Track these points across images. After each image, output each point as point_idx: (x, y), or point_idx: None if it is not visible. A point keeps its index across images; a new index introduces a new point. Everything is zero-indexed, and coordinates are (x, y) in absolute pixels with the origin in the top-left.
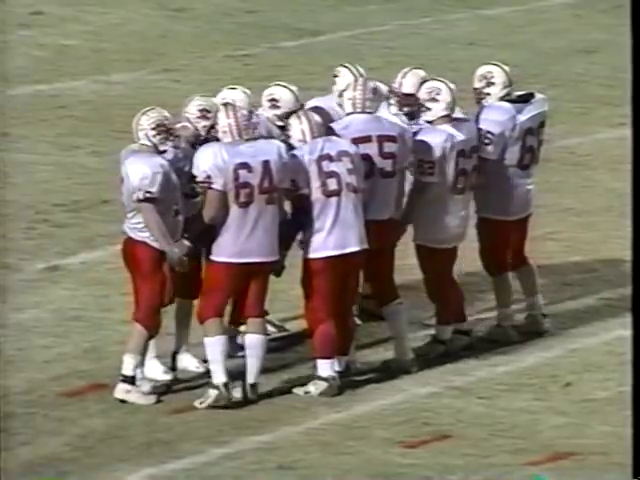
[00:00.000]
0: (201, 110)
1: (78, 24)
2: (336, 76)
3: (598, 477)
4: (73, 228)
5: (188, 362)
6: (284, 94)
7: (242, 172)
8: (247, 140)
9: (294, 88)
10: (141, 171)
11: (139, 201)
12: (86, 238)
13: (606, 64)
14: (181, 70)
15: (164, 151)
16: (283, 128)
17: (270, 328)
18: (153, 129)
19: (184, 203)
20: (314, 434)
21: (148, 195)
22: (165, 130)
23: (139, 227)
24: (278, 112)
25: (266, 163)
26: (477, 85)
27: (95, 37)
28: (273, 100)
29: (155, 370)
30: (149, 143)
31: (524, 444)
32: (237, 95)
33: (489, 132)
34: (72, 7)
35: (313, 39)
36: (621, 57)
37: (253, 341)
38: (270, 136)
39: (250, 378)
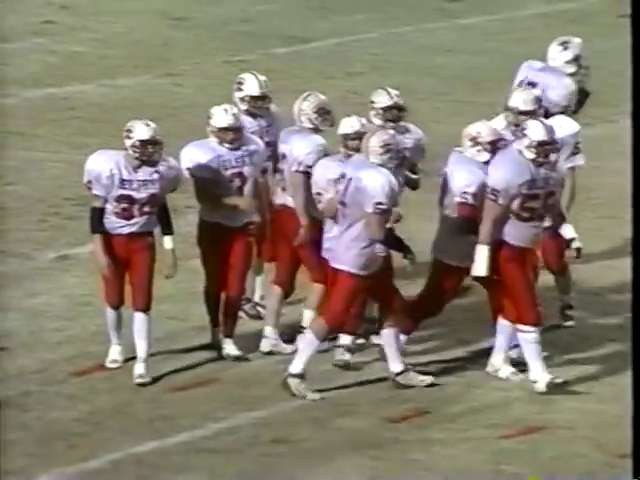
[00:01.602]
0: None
1: (87, 32)
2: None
3: (565, 448)
4: (82, 220)
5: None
6: (248, 79)
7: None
8: None
9: (262, 77)
10: (307, 147)
11: (296, 172)
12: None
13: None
14: (182, 75)
15: (322, 131)
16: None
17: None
18: (315, 112)
19: None
20: (305, 410)
21: (307, 169)
22: (325, 112)
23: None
24: (241, 94)
25: None
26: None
27: (102, 44)
28: (239, 83)
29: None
30: (311, 125)
31: (498, 419)
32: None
33: None
34: (81, 17)
35: (304, 46)
36: (591, 62)
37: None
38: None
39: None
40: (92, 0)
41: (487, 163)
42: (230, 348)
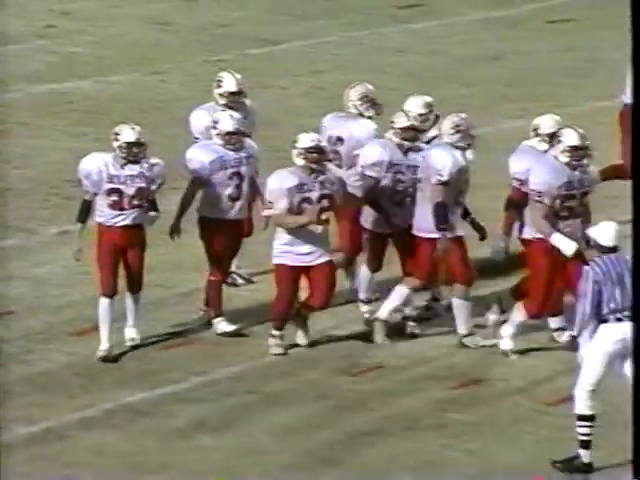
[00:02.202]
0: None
1: (84, 35)
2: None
3: (500, 398)
4: (80, 200)
5: None
6: (226, 77)
7: None
8: None
9: (238, 75)
10: (362, 131)
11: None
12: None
13: (509, 68)
14: (167, 72)
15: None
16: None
17: (239, 280)
18: (359, 100)
19: None
20: (276, 365)
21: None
22: (369, 100)
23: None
24: (220, 91)
25: None
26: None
27: (97, 46)
28: (219, 80)
29: None
30: (356, 111)
31: (444, 372)
32: None
33: None
34: (79, 21)
35: (274, 47)
36: (522, 62)
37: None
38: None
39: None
40: (88, 7)
41: (546, 152)
42: (223, 325)
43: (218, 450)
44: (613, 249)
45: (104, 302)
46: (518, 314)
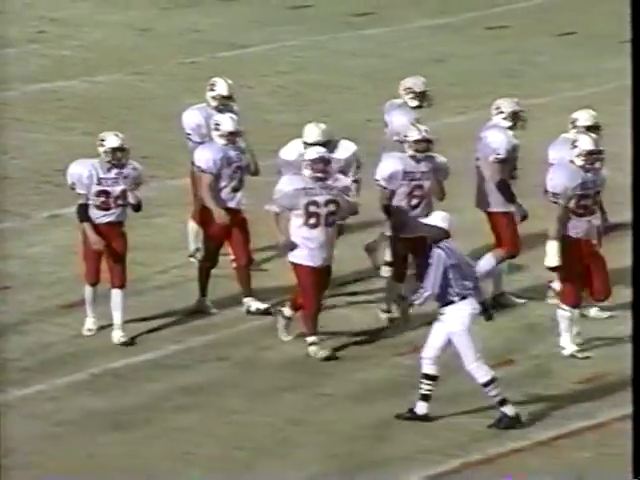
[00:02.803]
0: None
1: (71, 40)
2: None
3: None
4: (68, 187)
5: None
6: (219, 82)
7: None
8: None
9: (229, 81)
10: (403, 121)
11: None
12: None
13: (452, 70)
14: (146, 73)
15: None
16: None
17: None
18: (403, 91)
19: None
20: (244, 334)
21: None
22: (412, 92)
23: None
24: (213, 94)
25: None
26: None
27: (84, 49)
28: (212, 84)
29: None
30: (402, 101)
31: (395, 341)
32: None
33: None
34: (67, 27)
35: (242, 51)
36: (463, 64)
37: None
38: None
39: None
40: (75, 14)
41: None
42: (255, 304)
43: (194, 410)
44: (448, 234)
45: (89, 290)
46: (563, 313)
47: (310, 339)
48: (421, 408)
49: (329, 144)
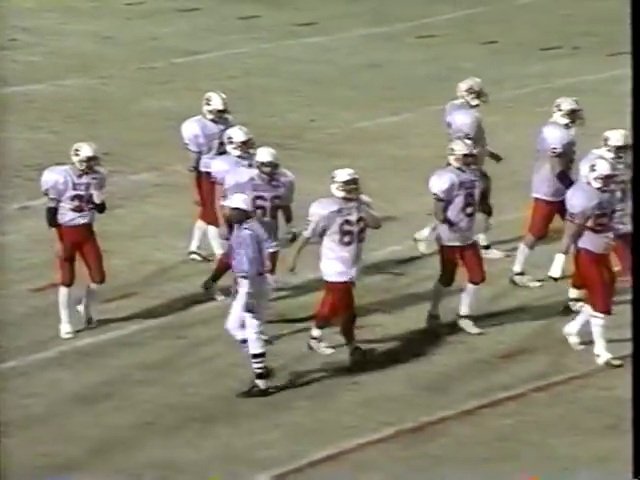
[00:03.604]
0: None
1: (41, 47)
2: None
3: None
4: (38, 181)
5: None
6: (214, 97)
7: None
8: None
9: (224, 95)
10: (467, 118)
11: (457, 138)
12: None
13: (386, 74)
14: (108, 77)
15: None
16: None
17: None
18: (465, 91)
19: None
20: (198, 314)
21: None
22: (473, 91)
23: None
24: (209, 108)
25: None
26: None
27: (52, 55)
28: (207, 99)
29: None
30: (463, 101)
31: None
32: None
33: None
34: (37, 36)
35: (195, 57)
36: (397, 70)
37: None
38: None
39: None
40: (44, 24)
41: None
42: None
43: (153, 384)
44: (250, 215)
45: (64, 290)
46: (597, 321)
47: (314, 333)
48: (262, 384)
49: (277, 166)
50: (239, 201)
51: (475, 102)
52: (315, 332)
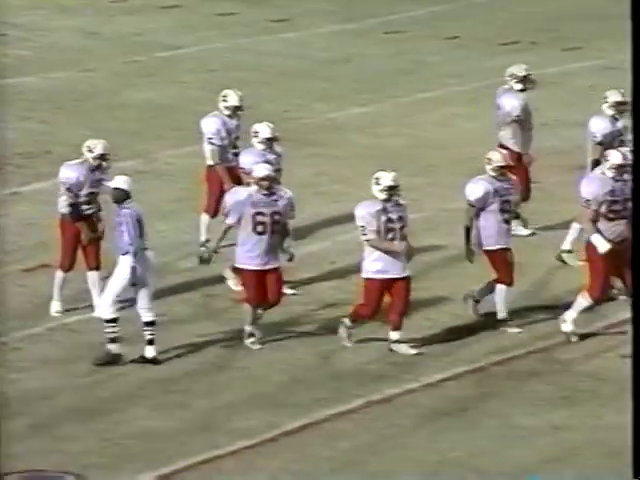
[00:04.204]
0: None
1: (30, 42)
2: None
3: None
4: (27, 168)
5: None
6: (230, 94)
7: None
8: None
9: (240, 93)
10: (513, 101)
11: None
12: (36, 175)
13: (356, 68)
14: (94, 71)
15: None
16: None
17: None
18: (509, 76)
19: None
20: (175, 289)
21: (516, 117)
22: (515, 77)
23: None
24: (226, 104)
25: None
26: None
27: (40, 50)
28: (224, 96)
29: None
30: (508, 87)
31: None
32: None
33: None
34: (25, 31)
35: (177, 51)
36: (366, 63)
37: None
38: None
39: None
40: (33, 20)
41: None
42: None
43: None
44: (129, 195)
45: (60, 275)
46: (583, 301)
47: (347, 322)
48: (114, 348)
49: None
50: (120, 182)
51: (518, 87)
52: (348, 322)
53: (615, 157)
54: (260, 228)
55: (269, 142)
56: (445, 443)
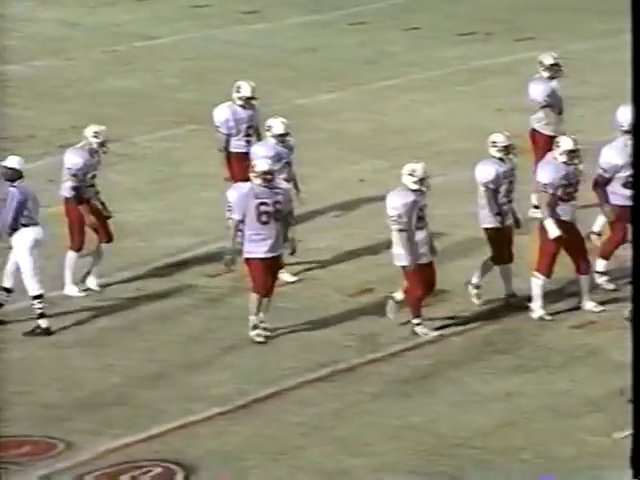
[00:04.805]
0: None
1: (15, 32)
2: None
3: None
4: (14, 151)
5: None
6: (243, 84)
7: None
8: None
9: (252, 83)
10: (538, 89)
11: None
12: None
13: (323, 57)
14: (75, 59)
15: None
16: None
17: None
18: (539, 64)
19: None
20: (159, 271)
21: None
22: (543, 65)
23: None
24: (239, 95)
25: None
26: None
27: (24, 39)
28: (237, 87)
29: None
30: (541, 75)
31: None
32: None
33: None
34: (11, 22)
35: (153, 41)
36: (331, 53)
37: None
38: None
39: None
40: (18, 12)
41: None
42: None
43: (116, 330)
44: (21, 175)
45: (72, 255)
46: (536, 281)
47: (415, 321)
48: (42, 323)
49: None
50: (14, 162)
51: (546, 74)
52: (398, 296)
53: (566, 143)
54: (264, 217)
55: (281, 137)
56: (406, 409)
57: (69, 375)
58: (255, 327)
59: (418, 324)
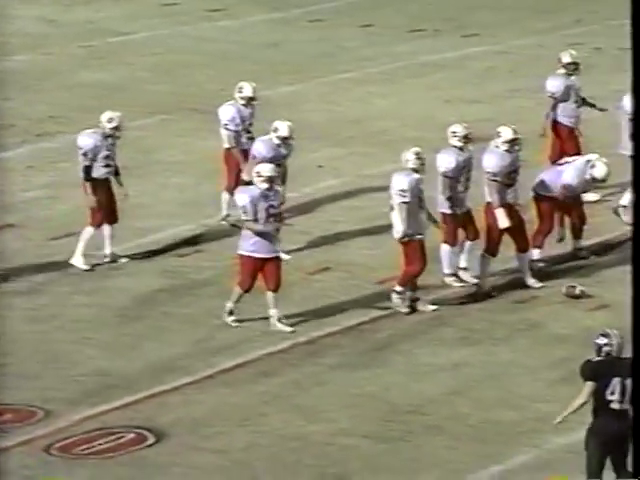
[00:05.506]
0: None
1: None
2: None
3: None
4: (2, 139)
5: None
6: (245, 85)
7: None
8: None
9: (254, 84)
10: (554, 83)
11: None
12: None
13: (284, 52)
14: (53, 54)
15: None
16: (245, 105)
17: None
18: (559, 61)
19: None
20: (128, 247)
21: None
22: (560, 62)
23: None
24: (241, 95)
25: None
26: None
27: (5, 35)
28: (240, 88)
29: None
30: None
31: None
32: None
33: None
34: None
35: (126, 37)
36: (292, 48)
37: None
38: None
39: None
40: None
41: None
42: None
43: (91, 306)
44: None
45: (90, 230)
46: (483, 260)
47: (398, 289)
48: None
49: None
50: None
51: (562, 71)
52: (398, 288)
53: (506, 132)
54: (272, 219)
55: (285, 140)
56: (361, 379)
57: (48, 348)
58: (231, 312)
59: (398, 293)
